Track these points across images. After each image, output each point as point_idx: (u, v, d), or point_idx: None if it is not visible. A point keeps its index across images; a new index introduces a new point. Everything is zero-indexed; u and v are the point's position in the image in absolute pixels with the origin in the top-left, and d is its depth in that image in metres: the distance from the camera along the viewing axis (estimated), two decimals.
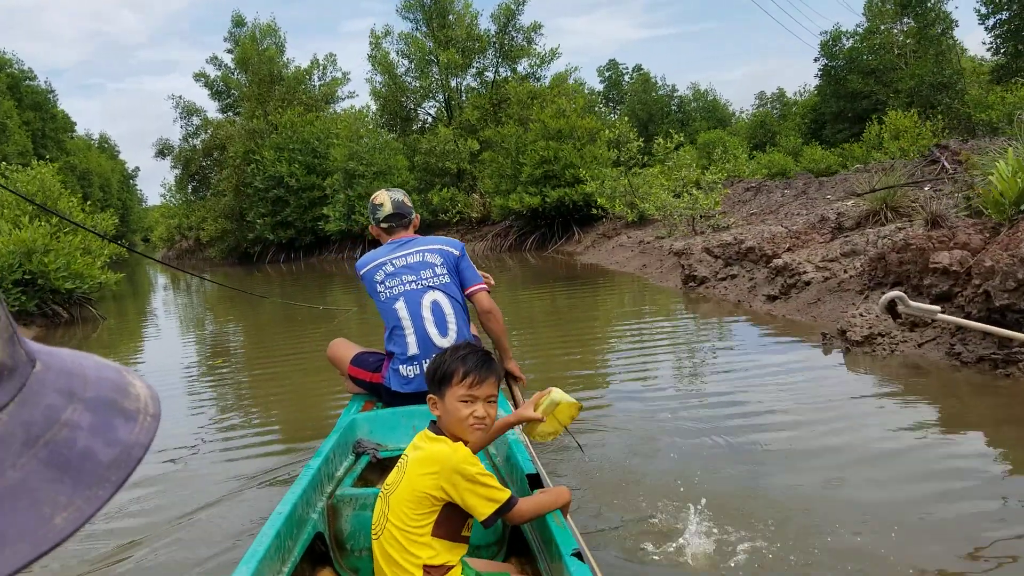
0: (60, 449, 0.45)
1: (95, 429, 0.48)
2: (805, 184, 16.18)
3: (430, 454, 2.19)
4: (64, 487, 0.44)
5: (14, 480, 0.42)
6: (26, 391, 0.47)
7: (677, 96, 63.37)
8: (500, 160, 23.88)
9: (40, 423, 0.46)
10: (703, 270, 10.95)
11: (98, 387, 0.51)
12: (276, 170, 29.81)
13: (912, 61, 38.70)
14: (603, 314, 10.37)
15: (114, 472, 0.46)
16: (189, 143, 38.91)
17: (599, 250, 18.56)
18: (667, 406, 5.26)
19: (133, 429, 0.49)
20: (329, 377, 7.19)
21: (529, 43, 31.07)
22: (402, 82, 32.34)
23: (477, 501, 2.13)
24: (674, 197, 16.95)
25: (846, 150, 34.89)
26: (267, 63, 34.25)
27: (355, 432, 3.34)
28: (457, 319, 3.67)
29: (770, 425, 4.64)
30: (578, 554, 2.05)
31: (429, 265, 3.72)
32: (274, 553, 2.20)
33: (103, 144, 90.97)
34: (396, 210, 3.91)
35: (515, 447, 2.91)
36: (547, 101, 23.99)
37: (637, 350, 7.50)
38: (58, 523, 0.42)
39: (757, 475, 3.84)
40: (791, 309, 8.31)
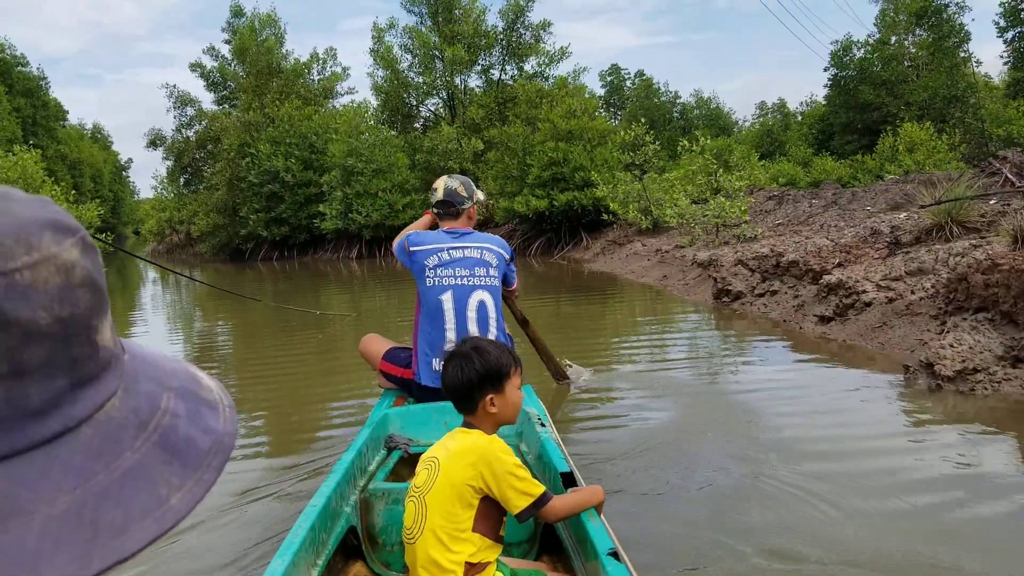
0: (168, 435, 0.49)
1: (191, 417, 0.51)
2: (835, 195, 15.25)
3: (467, 445, 2.20)
4: (175, 470, 0.48)
5: (133, 462, 0.46)
6: (126, 379, 0.50)
7: (680, 103, 62.71)
8: (506, 161, 22.88)
9: (146, 409, 0.49)
10: (739, 284, 9.99)
11: (178, 377, 0.54)
12: (271, 164, 28.69)
13: (925, 73, 37.94)
14: (626, 329, 9.40)
15: (215, 457, 0.50)
16: (182, 134, 37.71)
17: (611, 258, 17.58)
18: (717, 441, 4.48)
19: (219, 418, 0.53)
20: (323, 386, 6.77)
21: (537, 41, 30.11)
22: (405, 77, 31.25)
23: (512, 493, 2.13)
24: (692, 203, 16.02)
25: (857, 162, 34.08)
26: (265, 54, 33.14)
27: (387, 427, 3.33)
28: (498, 321, 3.69)
29: (844, 474, 3.71)
30: (614, 553, 2.01)
31: (485, 264, 3.70)
32: (309, 546, 2.19)
33: (96, 134, 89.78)
34: (446, 197, 3.84)
35: (547, 445, 2.87)
36: (557, 100, 23.00)
37: (671, 371, 6.56)
38: (174, 503, 0.46)
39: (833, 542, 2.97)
40: (851, 333, 7.34)
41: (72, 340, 0.46)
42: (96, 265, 0.49)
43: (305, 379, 7.22)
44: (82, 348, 0.47)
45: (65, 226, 0.48)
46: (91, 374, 0.48)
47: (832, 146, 41.39)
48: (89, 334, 0.47)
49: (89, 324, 0.47)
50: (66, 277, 0.46)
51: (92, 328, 0.48)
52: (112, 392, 0.49)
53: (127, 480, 0.46)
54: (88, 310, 0.47)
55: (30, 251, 0.44)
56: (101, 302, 0.49)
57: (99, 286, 0.49)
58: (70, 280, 0.46)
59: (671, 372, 6.64)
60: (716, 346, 7.87)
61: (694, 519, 3.31)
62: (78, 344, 0.47)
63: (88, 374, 0.47)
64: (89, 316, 0.47)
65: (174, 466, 0.48)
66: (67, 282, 0.46)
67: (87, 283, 0.47)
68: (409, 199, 26.48)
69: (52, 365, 0.45)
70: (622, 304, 11.81)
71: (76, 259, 0.47)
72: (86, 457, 0.45)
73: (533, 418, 3.20)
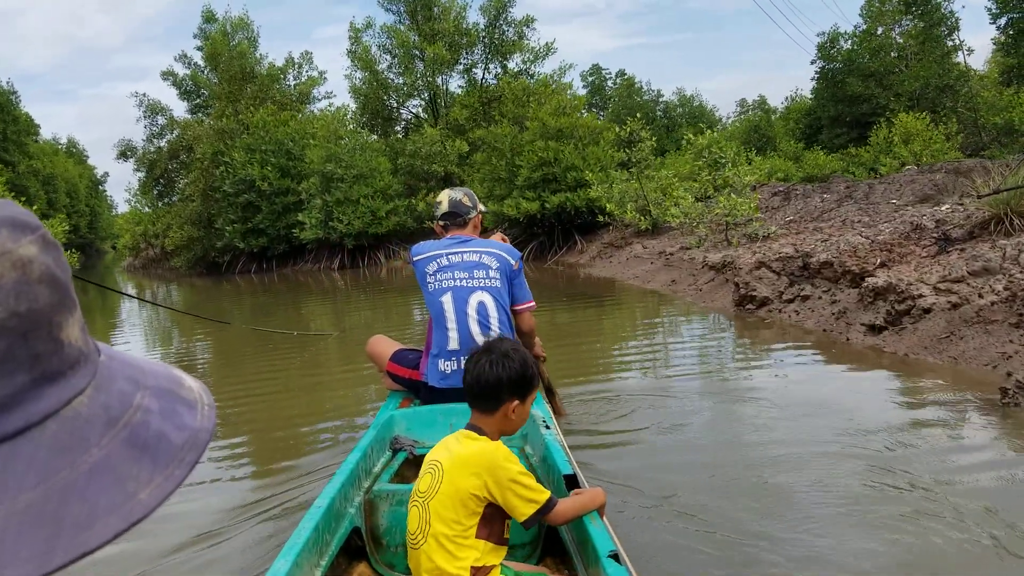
0: (138, 431, 0.49)
1: (165, 414, 0.52)
2: (848, 188, 14.28)
3: (472, 453, 2.17)
4: (144, 466, 0.48)
5: (99, 458, 0.47)
6: (99, 377, 0.51)
7: (663, 101, 61.90)
8: (493, 162, 21.79)
9: (117, 406, 0.50)
10: (764, 289, 8.97)
11: (156, 377, 0.55)
12: (247, 173, 27.40)
13: (914, 63, 37.22)
14: (635, 339, 8.33)
15: (188, 453, 0.50)
16: (153, 144, 36.33)
17: (610, 262, 16.54)
18: (740, 456, 4.04)
19: (196, 416, 0.54)
20: (307, 408, 6.18)
21: (521, 38, 29.03)
22: (384, 79, 30.05)
23: (518, 502, 2.13)
24: (695, 201, 15.03)
25: (850, 155, 33.29)
26: (238, 59, 31.86)
27: (392, 428, 3.34)
28: (500, 321, 3.66)
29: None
30: (615, 555, 2.01)
31: (484, 266, 3.72)
32: (312, 546, 2.19)
33: (71, 149, 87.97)
34: (451, 208, 3.96)
35: (551, 447, 2.86)
36: (545, 97, 21.96)
37: (690, 382, 5.63)
38: (143, 498, 0.47)
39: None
40: (911, 345, 6.33)
41: (31, 336, 0.46)
42: (59, 263, 0.50)
43: (287, 398, 6.48)
44: (43, 344, 0.47)
45: (23, 223, 0.48)
46: (55, 370, 0.48)
47: (821, 140, 40.60)
48: (51, 330, 0.48)
49: (51, 320, 0.48)
50: (23, 272, 0.46)
51: (54, 324, 0.48)
52: (80, 389, 0.49)
53: (93, 476, 0.46)
54: (49, 306, 0.47)
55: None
56: (64, 299, 0.49)
57: (61, 283, 0.49)
58: (27, 275, 0.46)
59: (690, 383, 5.89)
60: (743, 358, 6.85)
61: (698, 524, 3.21)
62: (39, 340, 0.47)
63: (52, 370, 0.48)
64: (50, 312, 0.48)
65: (143, 462, 0.48)
66: (24, 277, 0.46)
67: (46, 279, 0.48)
68: (392, 205, 25.30)
69: (11, 361, 0.45)
70: (628, 312, 10.76)
71: (34, 255, 0.47)
72: (50, 453, 0.46)
73: (538, 420, 3.21)
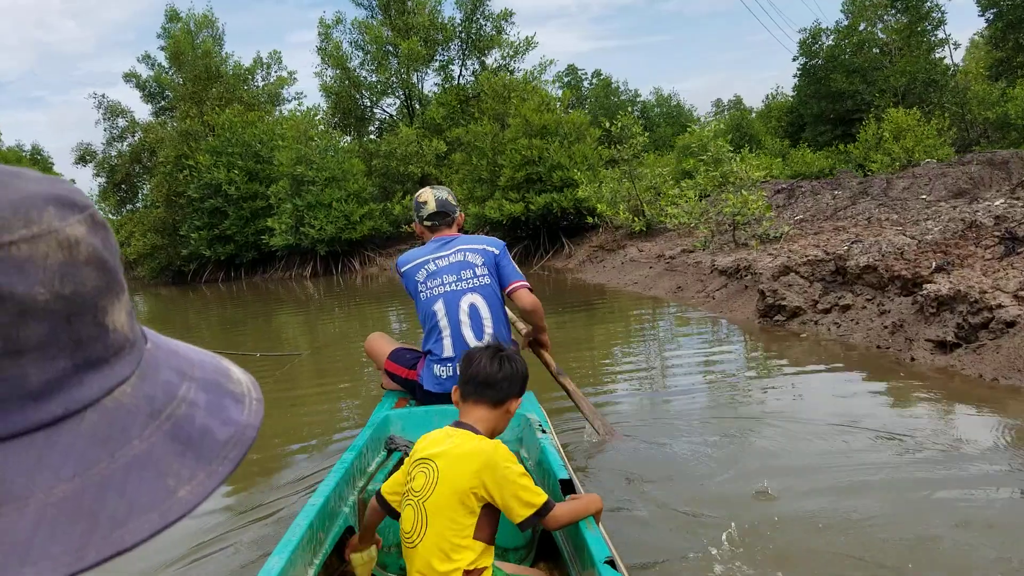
0: (182, 424, 0.48)
1: (211, 408, 0.50)
2: (861, 184, 13.23)
3: (471, 451, 2.16)
4: (187, 461, 0.46)
5: (140, 451, 0.45)
6: (144, 366, 0.49)
7: (640, 101, 61.02)
8: (474, 162, 20.56)
9: (161, 397, 0.48)
10: (795, 297, 7.83)
11: (203, 369, 0.53)
12: (213, 177, 25.93)
13: (898, 58, 36.50)
14: (645, 358, 7.15)
15: (231, 450, 0.48)
16: (114, 148, 34.66)
17: (602, 266, 15.38)
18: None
19: (243, 411, 0.51)
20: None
21: (499, 32, 27.81)
22: (356, 76, 28.66)
23: (515, 503, 2.11)
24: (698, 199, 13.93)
25: (837, 152, 32.49)
26: (203, 58, 30.37)
27: (388, 428, 3.35)
28: (495, 323, 3.68)
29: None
30: (611, 562, 2.00)
31: (470, 265, 3.71)
32: (307, 544, 2.19)
33: (35, 155, 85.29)
34: (440, 208, 3.87)
35: (547, 451, 2.84)
36: (527, 93, 20.78)
37: (710, 405, 4.41)
38: (182, 495, 0.45)
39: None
40: (999, 366, 5.20)
41: (75, 320, 0.44)
42: (107, 244, 0.48)
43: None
44: (88, 329, 0.45)
45: (71, 201, 0.46)
46: (99, 357, 0.46)
47: (804, 138, 39.81)
48: (96, 315, 0.46)
49: (96, 304, 0.46)
50: (69, 254, 0.44)
51: (100, 309, 0.46)
52: (124, 378, 0.48)
53: (132, 469, 0.44)
54: (95, 290, 0.46)
55: (29, 225, 0.43)
56: (111, 283, 0.47)
57: (109, 266, 0.47)
58: (74, 257, 0.44)
59: (718, 412, 5.03)
60: (781, 380, 5.69)
61: (695, 533, 3.15)
62: (83, 324, 0.45)
63: (95, 357, 0.46)
64: (96, 296, 0.46)
65: (186, 457, 0.47)
66: (70, 259, 0.44)
67: (93, 261, 0.46)
68: (367, 209, 23.97)
69: (53, 345, 0.44)
70: (631, 324, 9.58)
71: (82, 236, 0.45)
72: (89, 443, 0.44)
73: (534, 424, 3.20)
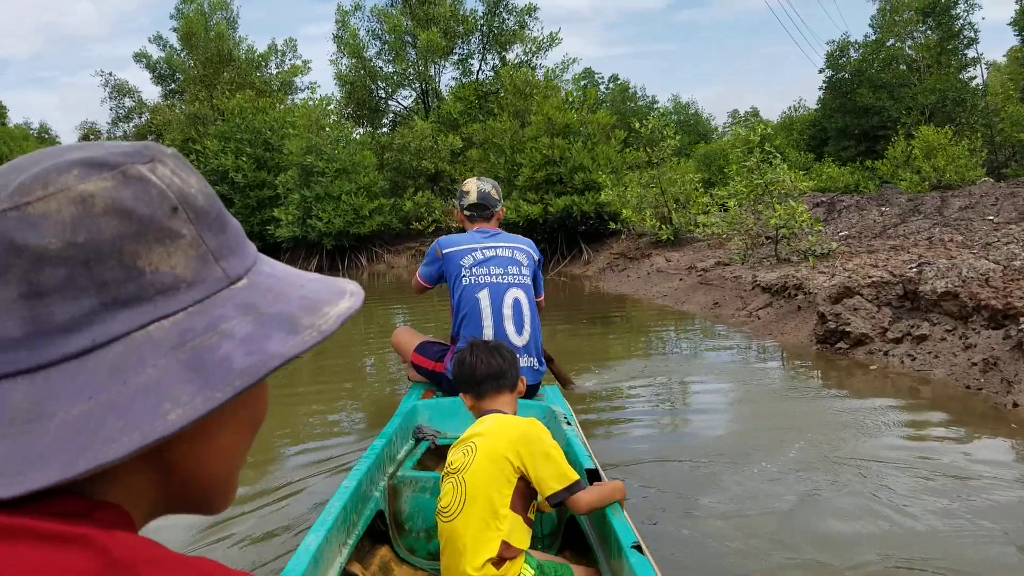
0: (201, 353, 0.51)
1: (247, 339, 0.53)
2: (912, 202, 12.33)
3: (508, 423, 2.28)
4: (190, 387, 0.50)
5: (151, 377, 0.50)
6: (206, 303, 0.54)
7: (657, 108, 60.10)
8: (491, 159, 19.64)
9: (197, 330, 0.52)
10: (860, 323, 6.91)
11: (288, 304, 0.56)
12: (219, 163, 25.06)
13: (927, 76, 35.57)
14: (690, 385, 6.23)
15: (240, 378, 0.51)
16: (119, 128, 33.78)
17: (623, 275, 14.44)
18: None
19: (287, 342, 0.54)
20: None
21: (522, 27, 26.90)
22: (373, 66, 27.76)
23: (547, 475, 2.16)
24: (722, 210, 13.02)
25: (863, 168, 31.56)
26: (215, 40, 29.51)
27: (415, 418, 3.40)
28: (532, 320, 3.82)
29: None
30: (638, 547, 2.02)
31: (516, 263, 3.85)
32: (341, 524, 2.23)
33: (43, 134, 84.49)
34: (480, 200, 4.02)
35: (573, 442, 2.89)
36: (551, 90, 19.87)
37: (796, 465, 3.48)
38: (172, 418, 0.49)
39: None
40: None
41: (94, 264, 0.50)
42: (140, 195, 0.52)
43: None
44: (112, 272, 0.51)
45: (100, 162, 0.52)
46: (132, 296, 0.51)
47: (826, 152, 38.86)
48: (122, 259, 0.51)
49: (120, 249, 0.51)
50: (81, 208, 0.50)
51: (127, 253, 0.51)
52: (168, 313, 0.52)
53: (138, 394, 0.49)
54: (116, 237, 0.51)
55: (45, 187, 0.50)
56: (143, 231, 0.52)
57: (136, 215, 0.52)
58: (88, 209, 0.50)
59: (769, 444, 4.29)
60: (844, 416, 4.73)
61: (720, 520, 3.16)
62: (105, 267, 0.50)
63: (127, 296, 0.51)
64: (119, 242, 0.51)
65: (192, 383, 0.50)
66: (84, 211, 0.50)
67: (112, 211, 0.51)
68: (377, 204, 23.06)
69: (74, 287, 0.50)
70: (662, 340, 8.64)
71: (100, 190, 0.51)
72: (109, 371, 0.49)
73: (559, 416, 3.28)
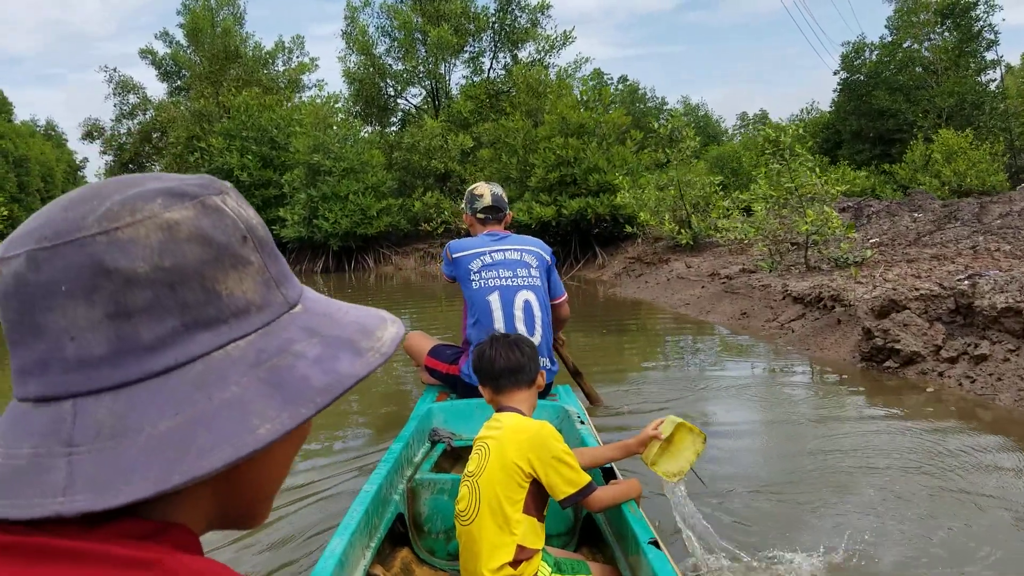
0: (280, 372, 0.55)
1: (319, 359, 0.57)
2: (948, 207, 11.75)
3: (519, 425, 2.27)
4: (274, 403, 0.53)
5: (234, 394, 0.53)
6: (274, 325, 0.58)
7: (667, 110, 59.54)
8: (503, 160, 19.10)
9: (272, 350, 0.56)
10: (911, 340, 6.37)
11: (344, 328, 0.61)
12: (224, 161, 24.58)
13: (944, 78, 34.93)
14: (724, 402, 5.67)
15: (320, 395, 0.55)
16: (123, 124, 33.34)
17: (640, 281, 13.88)
18: None
19: (355, 363, 0.58)
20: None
21: (535, 25, 26.34)
22: (382, 64, 27.25)
23: (558, 479, 2.17)
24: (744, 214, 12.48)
25: (880, 172, 30.95)
26: (222, 36, 29.03)
27: (431, 420, 3.40)
28: (543, 323, 3.83)
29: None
30: (655, 543, 2.06)
31: (526, 265, 3.88)
32: (363, 528, 2.24)
33: (50, 131, 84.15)
34: (494, 203, 4.07)
35: (587, 441, 2.93)
36: (565, 89, 19.32)
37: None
38: (261, 433, 0.52)
39: None
40: None
41: (179, 287, 0.53)
42: (218, 224, 0.56)
43: None
44: (194, 294, 0.54)
45: (181, 192, 0.56)
46: (211, 318, 0.55)
47: (840, 155, 38.22)
48: (203, 283, 0.54)
49: (201, 274, 0.54)
50: (168, 234, 0.53)
51: (207, 278, 0.55)
52: (242, 335, 0.56)
53: (223, 409, 0.52)
54: (199, 262, 0.54)
55: (133, 214, 0.53)
56: (221, 257, 0.56)
57: (215, 243, 0.56)
58: (174, 236, 0.54)
59: (817, 468, 3.82)
60: (898, 441, 4.19)
61: (734, 516, 3.27)
62: (188, 290, 0.54)
63: (205, 317, 0.54)
64: (201, 267, 0.54)
65: (274, 399, 0.53)
66: (170, 238, 0.53)
67: (196, 238, 0.54)
68: (384, 204, 22.53)
69: (159, 308, 0.53)
70: (689, 353, 8.08)
71: (183, 219, 0.54)
72: (193, 388, 0.52)
73: (572, 416, 3.29)
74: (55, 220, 0.54)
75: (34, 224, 0.54)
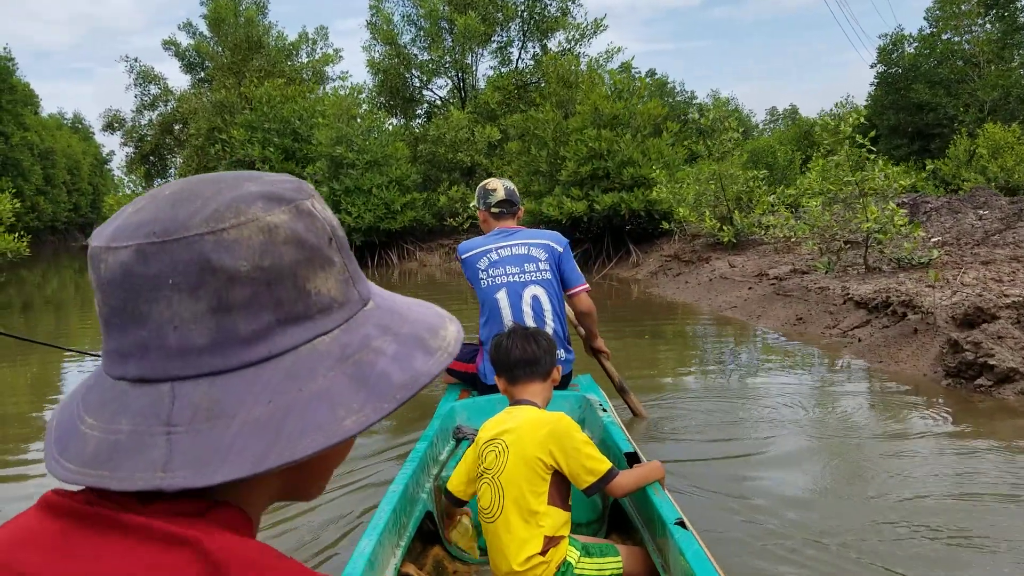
0: (363, 367, 0.58)
1: (397, 357, 0.60)
2: (1016, 204, 10.90)
3: (535, 419, 2.29)
4: (358, 397, 0.57)
5: (322, 386, 0.56)
6: (352, 322, 0.61)
7: (696, 104, 58.47)
8: (533, 152, 18.35)
9: (354, 346, 0.60)
10: (1007, 355, 5.58)
11: (413, 326, 0.64)
12: (246, 153, 23.98)
13: (987, 71, 33.74)
14: (788, 423, 4.93)
15: (400, 391, 0.58)
16: (144, 115, 32.90)
17: (682, 281, 13.09)
18: None
19: (428, 362, 0.61)
20: None
21: (564, 14, 25.52)
22: (407, 53, 26.54)
23: (581, 469, 2.19)
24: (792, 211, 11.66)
25: (919, 167, 29.86)
26: (245, 26, 28.47)
27: (454, 418, 3.42)
28: (555, 315, 3.81)
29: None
30: (681, 523, 2.04)
31: (533, 259, 3.83)
32: (392, 527, 2.26)
33: (76, 124, 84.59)
34: (508, 197, 3.99)
35: (610, 428, 2.96)
36: (597, 79, 18.53)
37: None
38: (347, 424, 0.55)
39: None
40: None
41: (275, 285, 0.57)
42: (311, 228, 0.60)
43: None
44: (287, 292, 0.58)
45: (279, 196, 0.59)
46: (301, 314, 0.58)
47: (877, 150, 37.09)
48: (296, 282, 0.58)
49: (295, 274, 0.58)
50: (269, 236, 0.57)
51: (299, 277, 0.58)
52: (327, 330, 0.59)
53: (313, 399, 0.55)
54: (293, 263, 0.58)
55: (238, 215, 0.56)
56: (313, 258, 0.59)
57: (308, 244, 0.59)
58: (273, 238, 0.57)
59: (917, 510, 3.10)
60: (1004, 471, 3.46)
61: (760, 500, 3.23)
62: (282, 289, 0.57)
63: (296, 314, 0.58)
64: (294, 267, 0.58)
65: (359, 393, 0.57)
66: (270, 240, 0.57)
67: (292, 241, 0.58)
68: (409, 198, 21.83)
69: (257, 304, 0.56)
70: (743, 363, 7.34)
71: (281, 222, 0.58)
72: (284, 378, 0.56)
73: (595, 404, 3.31)
74: (163, 217, 0.56)
75: (141, 218, 0.57)
